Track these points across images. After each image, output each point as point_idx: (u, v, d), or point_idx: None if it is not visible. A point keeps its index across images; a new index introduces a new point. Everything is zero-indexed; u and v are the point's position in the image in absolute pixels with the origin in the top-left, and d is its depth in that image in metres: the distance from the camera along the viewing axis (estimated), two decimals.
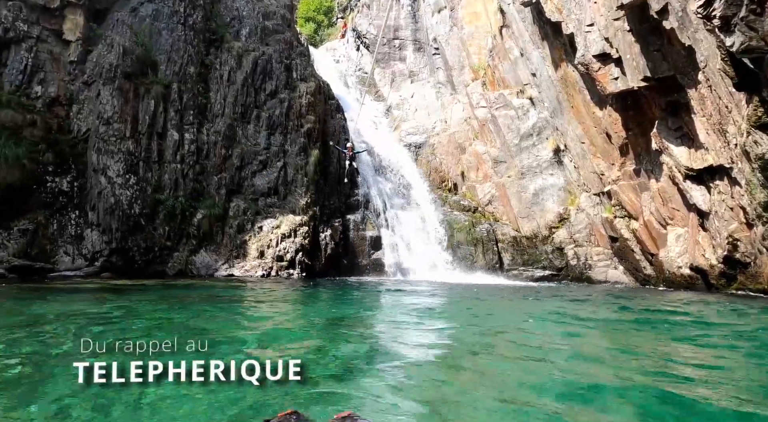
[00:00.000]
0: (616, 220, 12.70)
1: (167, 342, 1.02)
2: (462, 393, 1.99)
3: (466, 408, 1.69)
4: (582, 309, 6.55)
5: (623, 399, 1.92)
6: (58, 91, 12.87)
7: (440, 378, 2.09)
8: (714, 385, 2.27)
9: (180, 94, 14.08)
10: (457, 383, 2.07)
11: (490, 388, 1.99)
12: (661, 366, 2.70)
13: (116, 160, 12.77)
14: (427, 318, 4.07)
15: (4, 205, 11.06)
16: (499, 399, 1.80)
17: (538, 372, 2.38)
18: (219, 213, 13.67)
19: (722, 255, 9.43)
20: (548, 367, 2.43)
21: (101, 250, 12.25)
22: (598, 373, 2.46)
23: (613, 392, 2.02)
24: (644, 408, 1.79)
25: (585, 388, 2.27)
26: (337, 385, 1.87)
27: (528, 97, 15.60)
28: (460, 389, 1.96)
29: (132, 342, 1.00)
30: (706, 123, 9.38)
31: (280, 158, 14.62)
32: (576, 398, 2.02)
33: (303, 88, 15.49)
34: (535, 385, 2.07)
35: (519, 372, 2.30)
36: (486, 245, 14.54)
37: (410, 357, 2.61)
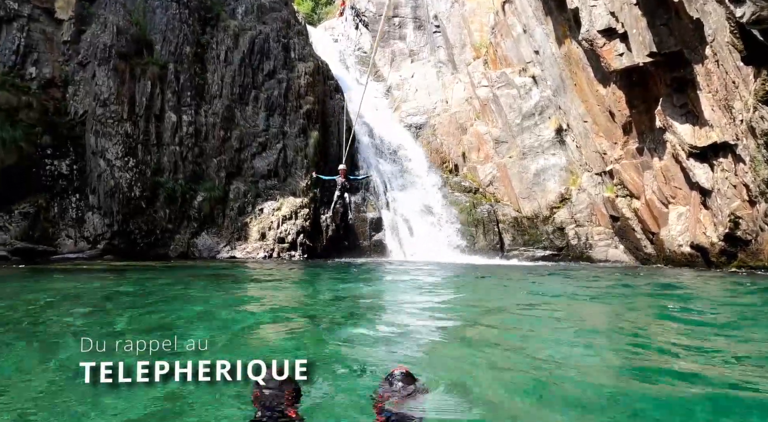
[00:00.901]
0: (618, 200, 12.65)
1: (167, 341, 1.02)
2: (472, 363, 2.00)
3: (480, 377, 1.70)
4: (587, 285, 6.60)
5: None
6: (52, 72, 12.66)
7: (448, 350, 2.11)
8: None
9: (176, 75, 13.86)
10: (468, 355, 2.08)
11: (504, 362, 2.01)
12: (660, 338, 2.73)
13: (114, 142, 12.67)
14: (427, 294, 4.09)
15: (3, 188, 11.03)
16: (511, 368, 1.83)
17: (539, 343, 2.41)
18: (219, 196, 13.64)
19: (723, 233, 9.43)
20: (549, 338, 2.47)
21: (103, 233, 12.29)
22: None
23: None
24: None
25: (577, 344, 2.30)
26: (341, 361, 1.88)
27: (530, 76, 15.32)
28: (472, 360, 1.97)
29: (132, 342, 1.00)
30: (711, 99, 9.22)
31: (280, 140, 14.49)
32: (569, 352, 2.06)
33: (302, 68, 15.22)
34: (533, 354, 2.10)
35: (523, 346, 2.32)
36: (487, 226, 14.55)
37: (414, 331, 2.62)
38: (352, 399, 1.33)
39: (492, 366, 2.00)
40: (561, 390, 1.68)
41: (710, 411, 1.40)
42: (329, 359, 1.63)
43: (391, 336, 2.60)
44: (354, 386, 1.42)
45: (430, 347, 2.55)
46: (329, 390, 1.32)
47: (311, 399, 1.26)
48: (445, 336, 2.94)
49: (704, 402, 1.47)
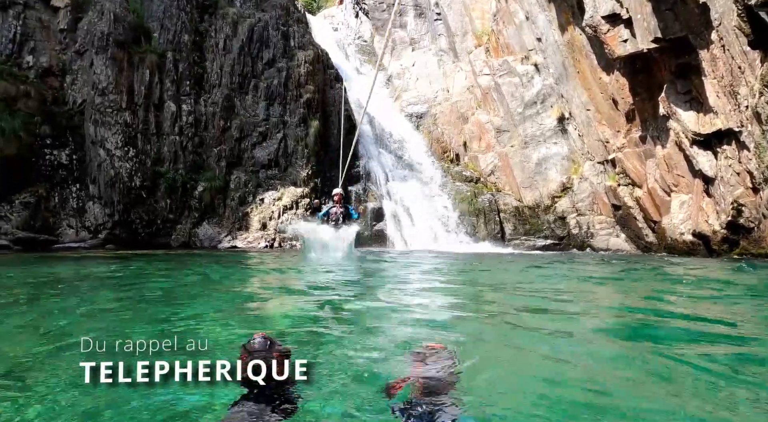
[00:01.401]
0: (620, 188, 12.60)
1: (167, 341, 1.01)
2: (479, 339, 2.00)
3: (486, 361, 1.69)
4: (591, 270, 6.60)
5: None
6: (50, 60, 12.53)
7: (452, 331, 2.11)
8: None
9: (175, 64, 13.73)
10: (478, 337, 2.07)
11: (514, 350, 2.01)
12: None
13: (114, 131, 12.60)
14: (427, 281, 4.09)
15: (3, 178, 10.99)
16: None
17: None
18: (220, 186, 13.61)
19: (726, 221, 9.40)
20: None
21: (104, 223, 12.29)
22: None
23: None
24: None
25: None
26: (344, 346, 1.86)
27: (533, 64, 15.15)
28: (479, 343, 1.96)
29: (132, 342, 0.98)
30: (716, 85, 9.12)
31: (280, 129, 14.40)
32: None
33: (301, 57, 15.07)
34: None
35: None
36: (488, 215, 14.52)
37: (417, 315, 2.62)
38: (359, 380, 1.31)
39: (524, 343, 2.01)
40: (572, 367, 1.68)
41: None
42: (335, 349, 1.61)
43: (405, 318, 2.60)
44: (360, 374, 1.41)
45: (446, 325, 2.55)
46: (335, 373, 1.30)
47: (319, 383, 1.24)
48: (458, 316, 2.95)
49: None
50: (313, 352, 1.71)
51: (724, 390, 1.40)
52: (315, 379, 0.93)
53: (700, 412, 1.21)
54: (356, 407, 1.10)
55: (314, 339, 1.96)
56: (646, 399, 1.28)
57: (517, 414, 1.20)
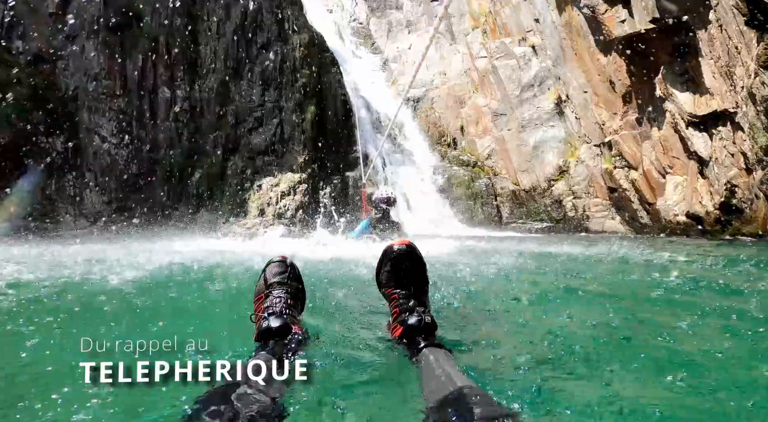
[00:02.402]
0: (616, 171, 12.68)
1: (167, 341, 1.04)
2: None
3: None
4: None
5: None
6: (40, 46, 12.31)
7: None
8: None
9: (168, 49, 13.51)
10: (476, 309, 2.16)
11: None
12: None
13: (108, 118, 12.49)
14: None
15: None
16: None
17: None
18: (217, 173, 13.59)
19: (719, 202, 9.52)
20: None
21: (102, 211, 12.30)
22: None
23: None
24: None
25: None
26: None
27: (530, 45, 15.01)
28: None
29: (132, 342, 1.01)
30: (713, 66, 9.11)
31: (276, 115, 14.31)
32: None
33: (296, 40, 14.86)
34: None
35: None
36: (485, 199, 14.62)
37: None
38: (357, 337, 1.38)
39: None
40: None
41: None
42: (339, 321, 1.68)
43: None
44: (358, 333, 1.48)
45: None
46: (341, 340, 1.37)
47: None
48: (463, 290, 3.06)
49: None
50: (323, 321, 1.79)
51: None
52: (315, 380, 0.95)
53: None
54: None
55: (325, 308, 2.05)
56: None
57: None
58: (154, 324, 1.79)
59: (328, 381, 1.03)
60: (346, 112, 15.75)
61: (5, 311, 2.10)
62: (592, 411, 0.99)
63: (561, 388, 1.11)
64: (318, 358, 1.12)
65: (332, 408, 0.88)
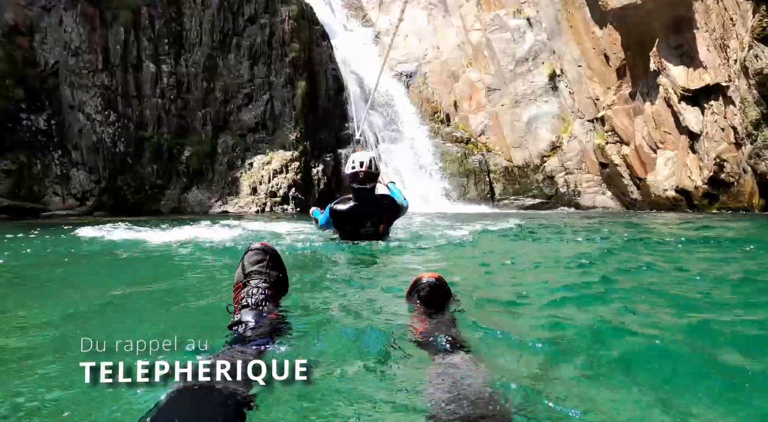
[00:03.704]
0: (608, 146, 12.72)
1: (167, 341, 1.02)
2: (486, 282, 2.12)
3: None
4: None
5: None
6: (15, 17, 11.76)
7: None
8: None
9: (151, 21, 12.99)
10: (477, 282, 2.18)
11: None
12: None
13: (92, 95, 12.12)
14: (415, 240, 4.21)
15: None
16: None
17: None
18: (207, 150, 13.37)
19: (707, 176, 9.65)
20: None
21: (90, 190, 12.11)
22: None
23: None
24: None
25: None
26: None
27: (525, 18, 14.68)
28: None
29: (132, 342, 0.99)
30: (708, 38, 9.03)
31: (266, 91, 13.98)
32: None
33: (285, 12, 14.35)
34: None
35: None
36: (478, 176, 14.63)
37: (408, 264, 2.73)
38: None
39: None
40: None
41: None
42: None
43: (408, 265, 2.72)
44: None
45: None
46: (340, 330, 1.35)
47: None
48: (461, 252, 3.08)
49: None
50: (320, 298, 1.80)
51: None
52: (315, 380, 0.95)
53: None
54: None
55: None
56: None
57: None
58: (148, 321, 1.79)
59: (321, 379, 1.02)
60: (338, 88, 15.45)
61: None
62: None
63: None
64: (297, 349, 1.11)
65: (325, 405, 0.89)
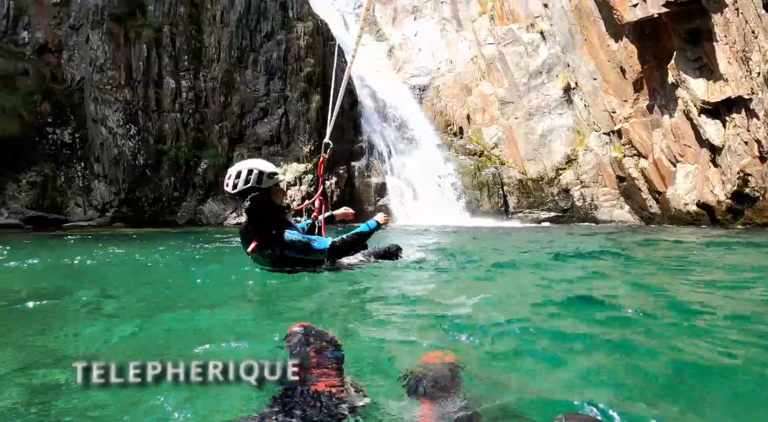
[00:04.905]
0: (625, 159, 12.49)
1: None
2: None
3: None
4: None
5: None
6: (45, 36, 12.32)
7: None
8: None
9: (172, 38, 13.45)
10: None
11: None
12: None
13: (114, 109, 12.53)
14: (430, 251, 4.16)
15: (9, 157, 11.05)
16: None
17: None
18: (223, 163, 13.61)
19: (731, 191, 9.35)
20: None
21: (110, 201, 12.42)
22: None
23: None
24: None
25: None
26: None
27: (539, 31, 14.69)
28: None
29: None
30: (728, 51, 8.85)
31: (281, 105, 14.24)
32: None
33: (300, 29, 14.69)
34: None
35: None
36: (491, 189, 14.51)
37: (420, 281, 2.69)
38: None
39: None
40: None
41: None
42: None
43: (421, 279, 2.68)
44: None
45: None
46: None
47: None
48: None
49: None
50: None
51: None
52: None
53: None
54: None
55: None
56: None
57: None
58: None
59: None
60: (351, 101, 15.63)
61: None
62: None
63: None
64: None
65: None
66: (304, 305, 2.03)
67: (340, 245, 2.65)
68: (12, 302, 2.13)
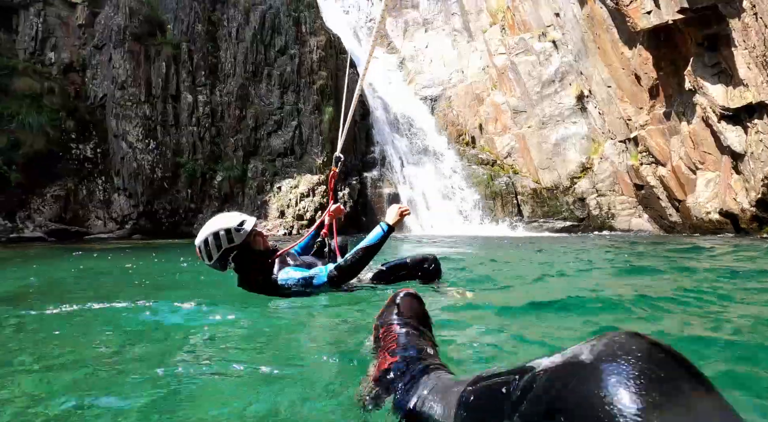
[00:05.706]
0: (642, 167, 12.24)
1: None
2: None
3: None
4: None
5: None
6: (70, 56, 12.86)
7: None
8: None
9: (190, 55, 13.87)
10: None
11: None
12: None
13: (134, 124, 12.92)
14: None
15: (35, 172, 11.47)
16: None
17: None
18: (238, 175, 13.85)
19: (755, 198, 9.06)
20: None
21: (130, 214, 12.73)
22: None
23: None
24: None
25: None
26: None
27: (551, 40, 14.66)
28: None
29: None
30: (747, 56, 8.67)
31: (294, 117, 14.48)
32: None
33: (313, 43, 14.99)
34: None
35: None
36: (505, 198, 14.37)
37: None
38: None
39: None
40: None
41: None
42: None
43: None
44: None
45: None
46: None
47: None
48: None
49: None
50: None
51: None
52: None
53: None
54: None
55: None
56: None
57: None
58: None
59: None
60: (363, 112, 15.79)
61: None
62: None
63: None
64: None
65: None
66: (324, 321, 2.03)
67: (340, 274, 2.29)
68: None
